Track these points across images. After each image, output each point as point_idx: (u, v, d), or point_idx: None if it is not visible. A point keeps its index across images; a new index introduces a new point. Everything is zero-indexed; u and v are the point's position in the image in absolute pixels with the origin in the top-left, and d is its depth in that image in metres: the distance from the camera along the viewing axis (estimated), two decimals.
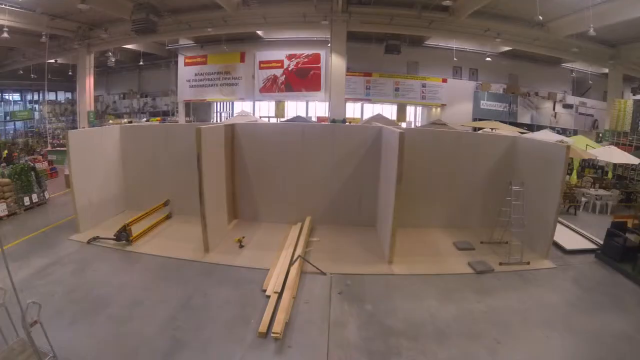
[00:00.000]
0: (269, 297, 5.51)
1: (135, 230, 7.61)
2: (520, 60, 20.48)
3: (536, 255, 7.37)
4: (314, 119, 20.52)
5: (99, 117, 23.16)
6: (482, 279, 6.49)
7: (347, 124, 15.48)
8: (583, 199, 11.34)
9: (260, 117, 20.89)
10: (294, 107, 21.28)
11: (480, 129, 16.01)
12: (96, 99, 22.45)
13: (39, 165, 13.14)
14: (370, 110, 21.55)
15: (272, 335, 4.69)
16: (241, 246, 7.42)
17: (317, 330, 4.92)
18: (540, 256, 7.29)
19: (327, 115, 18.82)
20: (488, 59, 19.06)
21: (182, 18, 16.52)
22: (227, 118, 22.31)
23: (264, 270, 6.44)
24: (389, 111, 21.21)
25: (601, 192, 11.35)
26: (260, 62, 20.28)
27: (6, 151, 15.60)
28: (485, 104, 20.79)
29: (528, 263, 6.90)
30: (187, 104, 22.39)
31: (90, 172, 8.34)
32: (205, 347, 4.55)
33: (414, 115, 22.40)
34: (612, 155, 11.91)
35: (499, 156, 8.68)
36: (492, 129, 15.23)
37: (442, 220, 8.83)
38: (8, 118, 26.54)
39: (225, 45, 19.21)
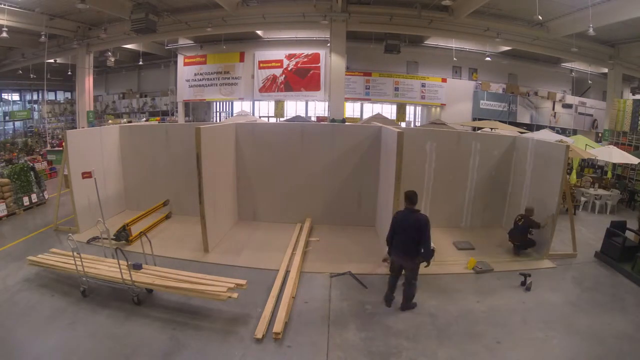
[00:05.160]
0: (268, 296, 5.50)
1: (135, 230, 7.60)
2: (520, 60, 20.49)
3: (536, 255, 7.37)
4: (313, 119, 20.50)
5: (99, 117, 23.13)
6: (482, 279, 6.50)
7: (346, 123, 15.47)
8: (583, 199, 11.35)
9: (260, 116, 20.87)
10: (294, 107, 21.27)
11: (479, 128, 16.01)
12: (95, 98, 22.39)
13: (38, 165, 13.12)
14: (370, 109, 21.52)
15: (272, 335, 4.69)
16: None
17: (317, 330, 4.92)
18: (540, 256, 7.29)
19: (326, 114, 18.81)
20: (488, 58, 19.04)
21: (181, 17, 16.49)
22: (226, 118, 22.28)
23: (264, 270, 6.45)
24: (389, 111, 21.20)
25: (600, 191, 11.37)
26: (260, 62, 20.24)
27: None
28: (484, 103, 20.79)
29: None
30: (187, 104, 22.35)
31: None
32: (204, 347, 4.54)
33: (414, 115, 22.39)
34: (612, 155, 11.91)
35: (499, 156, 8.68)
36: (491, 128, 15.23)
37: (442, 220, 8.82)
38: (7, 118, 26.46)
39: (224, 45, 19.17)
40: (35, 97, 28.51)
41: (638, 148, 15.21)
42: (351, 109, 21.46)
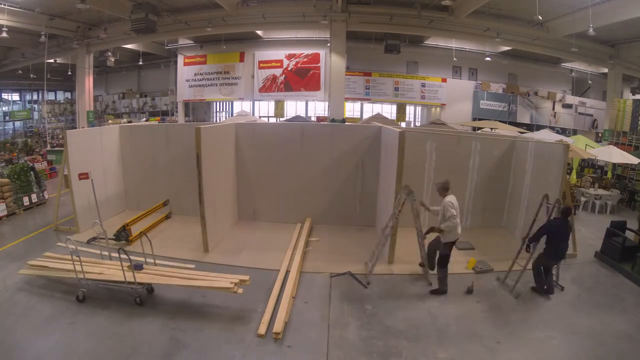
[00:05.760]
0: (268, 297, 5.51)
1: (135, 230, 7.60)
2: (520, 60, 20.50)
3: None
4: (313, 119, 20.50)
5: (99, 117, 23.12)
6: (482, 279, 6.49)
7: (346, 123, 15.48)
8: (583, 199, 11.35)
9: (260, 116, 20.88)
10: (294, 107, 21.27)
11: (479, 128, 16.02)
12: (95, 98, 22.39)
13: (38, 165, 13.12)
14: (370, 109, 21.53)
15: (272, 335, 4.69)
16: None
17: (316, 330, 4.92)
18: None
19: (326, 114, 18.81)
20: (488, 58, 19.05)
21: (181, 17, 16.50)
22: (226, 118, 22.29)
23: (264, 270, 6.44)
24: (389, 111, 21.20)
25: (600, 191, 11.37)
26: (260, 62, 20.25)
27: None
28: (484, 103, 20.80)
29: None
30: (187, 104, 22.36)
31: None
32: (204, 347, 4.54)
33: (414, 115, 22.39)
34: (612, 155, 11.92)
35: (499, 156, 8.69)
36: (491, 128, 15.24)
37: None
38: (7, 118, 26.47)
39: (224, 45, 19.19)
40: (35, 97, 28.51)
41: (638, 148, 15.21)
42: (351, 109, 21.45)
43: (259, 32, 19.41)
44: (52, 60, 20.12)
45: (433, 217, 6.27)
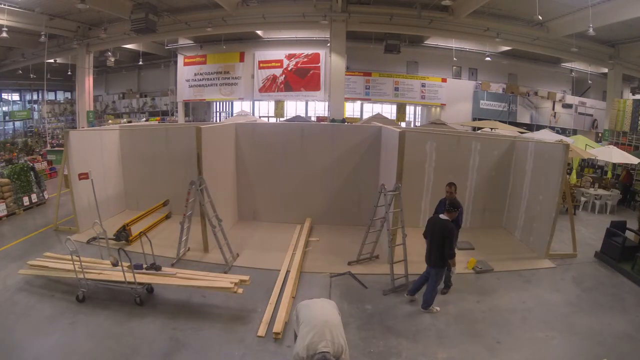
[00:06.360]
0: (268, 297, 5.51)
1: (135, 230, 7.59)
2: (520, 60, 20.50)
3: (536, 255, 7.37)
4: (313, 119, 20.51)
5: (99, 117, 23.13)
6: (482, 279, 6.49)
7: (346, 123, 15.50)
8: (583, 199, 11.35)
9: (260, 116, 20.88)
10: (294, 107, 21.28)
11: (479, 128, 16.03)
12: (95, 98, 22.42)
13: (38, 165, 13.12)
14: (370, 109, 21.54)
15: (272, 335, 4.69)
16: None
17: None
18: (540, 256, 7.29)
19: (326, 114, 18.82)
20: (488, 58, 19.06)
21: (181, 17, 16.51)
22: (226, 118, 22.30)
23: (264, 270, 6.44)
24: (389, 111, 21.21)
25: (600, 191, 11.37)
26: (260, 62, 20.26)
27: None
28: (484, 103, 20.80)
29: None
30: (187, 104, 22.37)
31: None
32: (204, 347, 4.54)
33: (414, 115, 22.39)
34: (612, 154, 11.92)
35: (499, 156, 8.69)
36: (491, 128, 15.25)
37: None
38: (7, 118, 26.48)
39: (224, 45, 19.20)
40: (35, 97, 28.51)
41: (638, 148, 15.21)
42: (351, 109, 21.47)
43: (259, 32, 19.42)
44: (52, 60, 20.11)
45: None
